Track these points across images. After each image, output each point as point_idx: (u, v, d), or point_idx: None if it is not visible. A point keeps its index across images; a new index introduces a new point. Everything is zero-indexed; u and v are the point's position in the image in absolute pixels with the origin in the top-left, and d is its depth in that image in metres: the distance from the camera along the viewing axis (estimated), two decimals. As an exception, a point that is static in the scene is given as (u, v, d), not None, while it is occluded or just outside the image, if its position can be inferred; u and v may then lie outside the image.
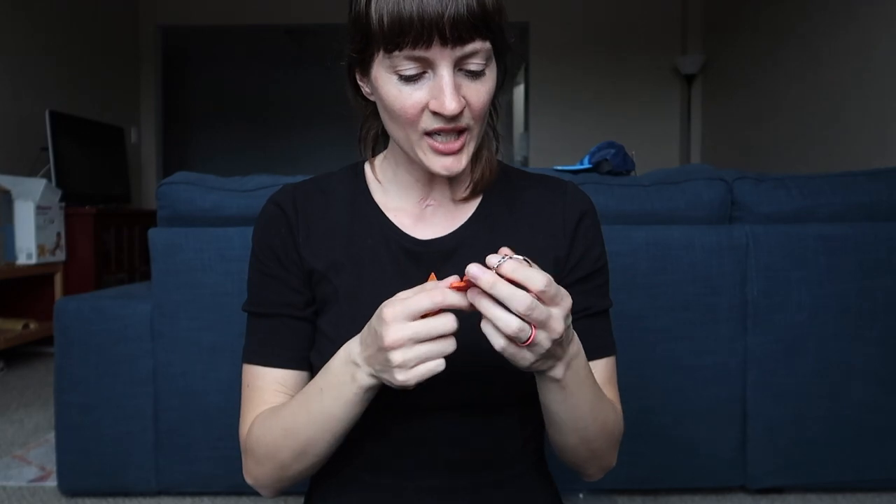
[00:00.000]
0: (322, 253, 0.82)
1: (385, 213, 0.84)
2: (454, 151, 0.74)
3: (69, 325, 1.63)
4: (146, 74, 5.30)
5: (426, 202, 0.84)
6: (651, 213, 1.64)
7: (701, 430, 1.65)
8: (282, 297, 0.83)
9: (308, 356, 0.84)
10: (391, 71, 0.71)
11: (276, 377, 0.82)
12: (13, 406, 2.50)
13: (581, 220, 0.85)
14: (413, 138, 0.74)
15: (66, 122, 3.84)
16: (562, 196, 0.86)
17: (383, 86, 0.73)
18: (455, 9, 0.67)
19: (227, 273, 1.59)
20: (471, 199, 0.85)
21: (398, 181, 0.84)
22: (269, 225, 0.85)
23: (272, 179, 1.65)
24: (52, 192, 3.39)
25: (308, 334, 0.84)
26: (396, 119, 0.73)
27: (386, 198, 0.85)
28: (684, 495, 1.69)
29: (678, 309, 1.62)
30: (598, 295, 0.86)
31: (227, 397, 1.59)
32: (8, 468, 1.89)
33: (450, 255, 0.82)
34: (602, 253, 0.87)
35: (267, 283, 0.84)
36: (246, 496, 1.68)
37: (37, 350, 3.40)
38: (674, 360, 1.63)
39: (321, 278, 0.82)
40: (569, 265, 0.84)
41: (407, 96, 0.71)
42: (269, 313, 0.83)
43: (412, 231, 0.83)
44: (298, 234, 0.83)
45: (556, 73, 5.29)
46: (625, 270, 1.60)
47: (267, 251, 0.84)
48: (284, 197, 0.86)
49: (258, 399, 0.82)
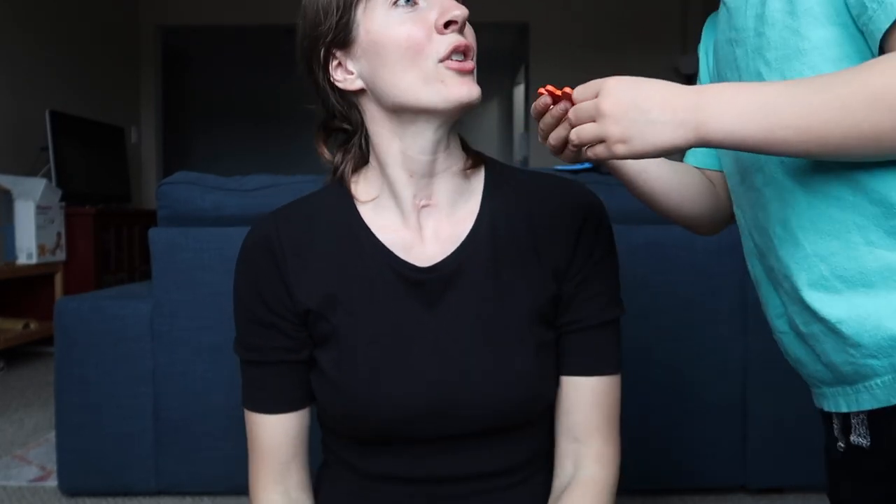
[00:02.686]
0: (315, 289, 0.77)
1: (378, 237, 0.78)
2: (471, 70, 0.73)
3: (69, 325, 1.63)
4: (146, 74, 5.30)
5: (422, 202, 0.78)
6: (651, 212, 1.64)
7: (701, 430, 1.65)
8: (275, 343, 0.79)
9: (307, 391, 0.81)
10: (386, 6, 0.72)
11: (278, 424, 0.80)
12: (13, 406, 2.50)
13: (584, 224, 0.81)
14: (428, 69, 0.71)
15: (66, 122, 3.84)
16: (565, 198, 0.82)
17: (383, 27, 0.72)
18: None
19: (227, 273, 1.57)
20: (469, 198, 0.80)
21: (389, 184, 0.78)
22: (254, 267, 0.79)
23: (272, 179, 1.65)
24: (53, 192, 3.39)
25: (307, 373, 0.81)
26: (405, 53, 0.71)
27: (376, 214, 0.79)
28: (684, 495, 1.69)
29: (678, 309, 1.62)
30: (598, 304, 0.81)
31: (227, 397, 1.59)
32: (8, 468, 1.89)
33: (452, 281, 0.77)
34: (605, 256, 0.82)
35: (257, 330, 0.80)
36: (246, 496, 1.68)
37: (37, 350, 3.39)
38: (674, 359, 1.63)
39: (317, 317, 0.78)
40: (570, 273, 0.80)
41: (409, 20, 0.71)
42: (264, 361, 0.80)
43: (410, 255, 0.78)
44: (288, 273, 0.77)
45: (556, 73, 5.28)
46: (625, 270, 1.59)
47: (254, 297, 0.79)
48: (266, 231, 0.79)
49: (265, 451, 0.81)
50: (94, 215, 3.62)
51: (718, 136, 0.57)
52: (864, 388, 0.63)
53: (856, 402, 0.65)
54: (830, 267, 0.62)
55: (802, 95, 0.55)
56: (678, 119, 0.58)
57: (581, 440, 0.80)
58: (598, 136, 0.61)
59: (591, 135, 0.61)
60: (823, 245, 0.63)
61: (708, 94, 0.59)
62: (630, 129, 0.59)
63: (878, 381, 0.62)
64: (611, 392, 0.81)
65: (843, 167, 0.60)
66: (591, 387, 0.80)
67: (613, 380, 0.81)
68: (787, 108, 0.55)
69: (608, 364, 0.81)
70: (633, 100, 0.59)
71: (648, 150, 0.59)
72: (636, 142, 0.59)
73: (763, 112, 0.56)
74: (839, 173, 0.61)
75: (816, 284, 0.64)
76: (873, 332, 0.60)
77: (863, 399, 0.64)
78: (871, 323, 0.60)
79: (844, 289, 0.62)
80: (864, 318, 0.60)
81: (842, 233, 0.61)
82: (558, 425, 0.82)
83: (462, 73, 0.71)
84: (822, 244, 0.63)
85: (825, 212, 0.62)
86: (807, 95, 0.55)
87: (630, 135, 0.59)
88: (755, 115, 0.56)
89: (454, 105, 0.72)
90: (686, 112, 0.58)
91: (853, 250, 0.61)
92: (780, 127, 0.55)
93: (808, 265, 0.64)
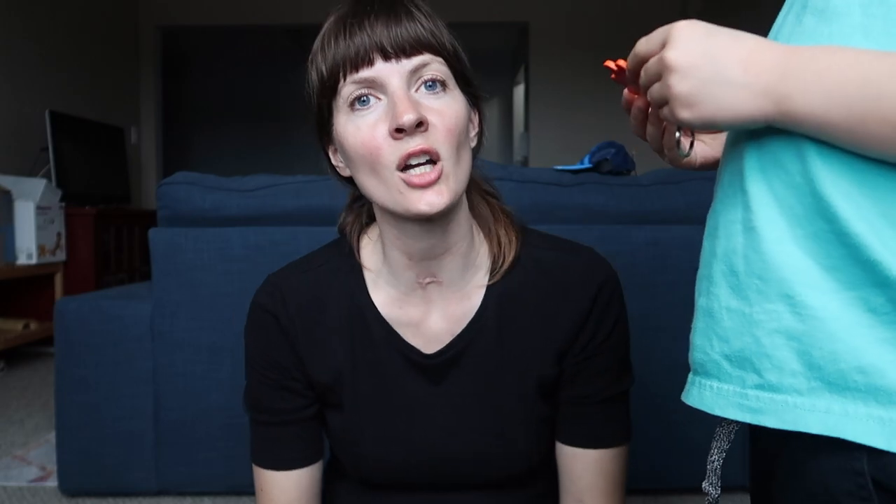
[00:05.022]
0: (325, 366, 0.78)
1: (384, 316, 0.77)
2: (432, 182, 0.65)
3: (69, 325, 1.63)
4: (146, 74, 5.30)
5: (426, 280, 0.76)
6: (651, 212, 1.64)
7: (701, 430, 1.64)
8: (286, 404, 0.80)
9: (320, 445, 0.83)
10: (346, 108, 0.68)
11: (289, 480, 0.80)
12: (13, 406, 2.50)
13: (594, 305, 0.78)
14: (386, 178, 0.66)
15: (66, 122, 3.84)
16: (575, 275, 0.78)
17: (343, 131, 0.68)
18: (386, 21, 0.66)
19: (227, 273, 1.59)
20: (476, 272, 0.78)
21: (390, 265, 0.76)
22: (264, 337, 0.79)
23: (272, 179, 1.65)
24: (53, 192, 3.39)
25: (317, 428, 0.82)
26: (363, 160, 0.67)
27: (383, 286, 0.78)
28: (684, 495, 1.69)
29: (678, 309, 1.62)
30: (604, 381, 0.79)
31: (227, 397, 1.59)
32: (8, 468, 1.89)
33: (458, 361, 0.78)
34: (612, 332, 0.79)
35: (268, 392, 0.80)
36: (246, 496, 1.68)
37: (37, 350, 3.40)
38: (674, 360, 1.63)
39: (326, 389, 0.79)
40: (573, 351, 0.78)
41: (364, 126, 0.66)
42: (275, 421, 0.80)
43: (417, 335, 0.77)
44: (299, 348, 0.78)
45: (556, 73, 5.29)
46: (625, 270, 1.59)
47: (265, 361, 0.80)
48: (275, 303, 0.78)
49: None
50: (94, 215, 3.62)
51: (799, 116, 0.45)
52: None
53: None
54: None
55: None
56: (761, 84, 0.46)
57: (585, 502, 0.81)
58: (664, 96, 0.50)
59: (658, 95, 0.51)
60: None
61: (800, 58, 0.45)
62: (699, 89, 0.47)
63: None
64: (618, 460, 0.81)
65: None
66: (597, 457, 0.80)
67: (621, 449, 0.81)
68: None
69: (616, 436, 0.81)
70: (707, 51, 0.47)
71: (718, 119, 0.48)
72: (704, 106, 0.48)
73: (862, 93, 0.42)
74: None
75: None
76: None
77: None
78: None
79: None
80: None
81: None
82: (563, 486, 0.82)
83: (419, 186, 0.65)
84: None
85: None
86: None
87: (698, 96, 0.48)
88: (851, 96, 0.43)
89: (415, 217, 0.67)
90: (771, 75, 0.46)
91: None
92: (878, 121, 0.42)
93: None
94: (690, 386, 0.61)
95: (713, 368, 0.56)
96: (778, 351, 0.49)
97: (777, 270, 0.48)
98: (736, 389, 0.52)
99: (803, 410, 0.48)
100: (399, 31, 0.66)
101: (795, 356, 0.48)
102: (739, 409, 0.51)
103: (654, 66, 0.51)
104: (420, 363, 0.77)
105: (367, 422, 0.78)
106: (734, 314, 0.52)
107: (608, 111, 5.28)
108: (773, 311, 0.49)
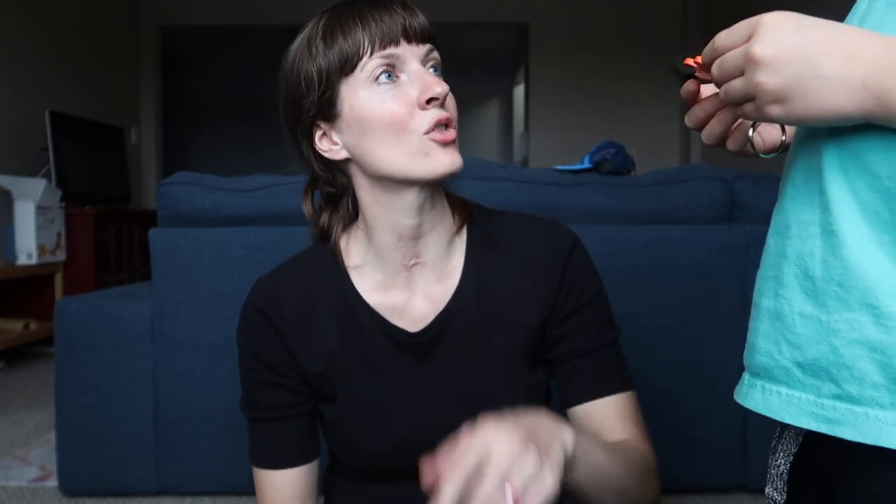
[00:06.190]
0: (316, 356, 0.82)
1: (369, 303, 0.81)
2: (453, 140, 0.74)
3: (69, 325, 1.63)
4: (146, 74, 5.30)
5: (411, 262, 0.81)
6: (651, 212, 1.64)
7: (701, 430, 1.65)
8: (281, 400, 0.83)
9: (316, 442, 0.85)
10: (368, 81, 0.73)
11: (287, 479, 0.83)
12: (13, 406, 2.50)
13: (567, 262, 0.82)
14: (412, 143, 0.72)
15: (66, 122, 3.84)
16: (542, 241, 0.84)
17: (366, 104, 0.73)
18: (403, 9, 0.74)
19: (227, 273, 1.59)
20: (455, 252, 0.82)
21: (377, 247, 0.80)
22: (255, 333, 0.83)
23: (272, 179, 1.65)
24: (53, 192, 3.39)
25: (313, 423, 0.85)
26: (389, 128, 0.72)
27: (367, 277, 0.82)
28: (684, 495, 1.69)
29: (678, 309, 1.62)
30: (590, 332, 0.83)
31: (227, 397, 1.59)
32: (8, 468, 1.89)
33: (442, 337, 0.81)
34: (588, 286, 0.84)
35: (262, 389, 0.83)
36: (246, 496, 1.68)
37: (37, 350, 3.40)
38: (674, 359, 1.63)
39: (321, 379, 0.82)
40: (556, 312, 0.82)
41: (392, 97, 0.72)
42: (270, 418, 0.83)
43: (402, 317, 0.81)
44: (290, 343, 0.82)
45: (556, 73, 5.29)
46: (625, 270, 1.60)
47: (257, 360, 0.83)
48: (265, 302, 0.83)
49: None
50: (94, 216, 3.62)
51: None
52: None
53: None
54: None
55: None
56: (860, 78, 0.43)
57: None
58: (748, 93, 0.47)
59: (741, 91, 0.48)
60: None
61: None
62: (792, 84, 0.45)
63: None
64: (630, 403, 0.83)
65: None
66: (606, 405, 0.81)
67: (627, 395, 0.83)
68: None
69: (616, 383, 0.82)
70: (801, 45, 0.44)
71: (812, 115, 0.45)
72: (798, 102, 0.45)
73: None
74: None
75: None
76: None
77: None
78: None
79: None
80: None
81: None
82: None
83: (445, 144, 0.73)
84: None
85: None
86: None
87: (791, 92, 0.45)
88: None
89: (439, 176, 0.74)
90: (872, 69, 0.43)
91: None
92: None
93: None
94: (750, 389, 0.58)
95: (781, 374, 0.53)
96: (858, 362, 0.47)
97: (860, 278, 0.46)
98: (810, 398, 0.50)
99: (886, 424, 0.45)
100: (417, 19, 0.75)
101: (878, 368, 0.46)
102: (814, 418, 0.49)
103: (734, 60, 0.48)
104: (406, 342, 0.81)
105: (361, 407, 0.81)
106: (809, 321, 0.50)
107: (608, 111, 5.28)
108: (855, 321, 0.47)
